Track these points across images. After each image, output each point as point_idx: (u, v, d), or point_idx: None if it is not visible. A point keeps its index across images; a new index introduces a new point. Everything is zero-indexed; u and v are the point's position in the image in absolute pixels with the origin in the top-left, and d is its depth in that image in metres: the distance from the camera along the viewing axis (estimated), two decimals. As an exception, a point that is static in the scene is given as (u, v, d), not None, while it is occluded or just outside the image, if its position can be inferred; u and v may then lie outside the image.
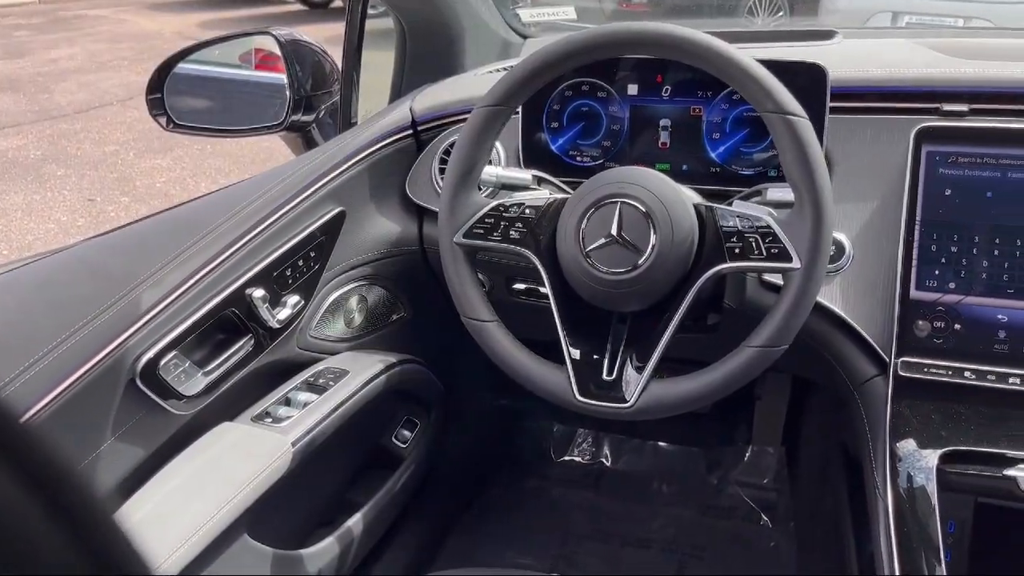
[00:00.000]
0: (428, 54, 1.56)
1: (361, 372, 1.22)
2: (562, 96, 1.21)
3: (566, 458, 2.03)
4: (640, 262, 0.92)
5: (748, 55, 0.90)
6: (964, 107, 1.08)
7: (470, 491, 1.89)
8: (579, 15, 1.93)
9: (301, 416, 1.11)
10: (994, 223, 1.01)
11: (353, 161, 1.27)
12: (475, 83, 1.41)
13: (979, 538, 0.96)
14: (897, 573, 0.85)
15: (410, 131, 1.33)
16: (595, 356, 0.97)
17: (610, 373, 0.95)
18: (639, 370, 0.94)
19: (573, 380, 0.95)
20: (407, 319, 1.42)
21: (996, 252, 1.00)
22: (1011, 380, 0.96)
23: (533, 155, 1.22)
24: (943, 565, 0.84)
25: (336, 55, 1.57)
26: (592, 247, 0.94)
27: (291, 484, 1.08)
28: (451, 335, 1.23)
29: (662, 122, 1.16)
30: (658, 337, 0.94)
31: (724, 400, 0.94)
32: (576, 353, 0.97)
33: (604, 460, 2.01)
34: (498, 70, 1.46)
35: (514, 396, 1.87)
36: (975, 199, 1.02)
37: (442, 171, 1.28)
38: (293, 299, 1.16)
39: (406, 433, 1.42)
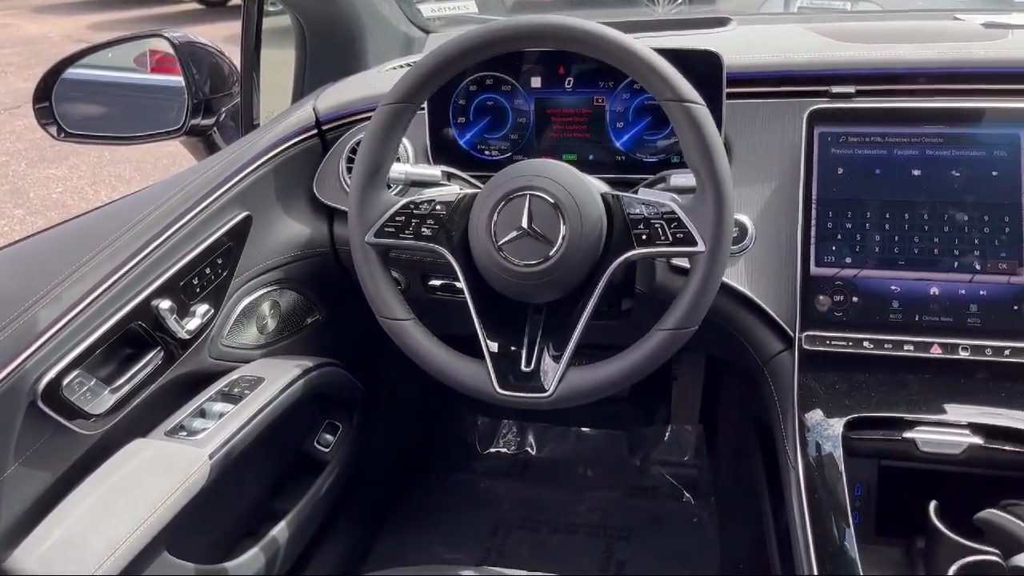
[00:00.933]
0: (329, 52, 1.54)
1: (278, 379, 1.20)
2: (467, 91, 1.21)
3: (492, 450, 2.04)
4: (552, 253, 0.93)
5: (646, 45, 0.92)
6: (851, 89, 1.13)
7: (397, 490, 1.88)
8: (481, 8, 1.93)
9: (217, 427, 1.08)
10: (883, 199, 1.06)
11: (258, 164, 1.24)
12: (379, 80, 1.40)
13: (884, 499, 1.01)
14: (810, 538, 0.89)
15: (315, 131, 1.32)
16: (513, 348, 0.98)
17: (528, 364, 0.96)
18: (556, 359, 0.95)
19: (492, 373, 0.96)
20: (322, 322, 1.41)
21: (887, 226, 1.05)
22: (906, 347, 1.01)
23: (441, 151, 1.22)
24: (852, 527, 0.88)
25: (235, 55, 1.54)
26: (504, 240, 0.94)
27: (211, 497, 1.05)
28: (369, 335, 1.22)
29: (566, 113, 1.18)
30: (573, 326, 0.95)
31: (642, 382, 0.96)
32: (494, 346, 0.98)
33: (529, 449, 2.03)
34: (401, 66, 1.45)
35: (436, 393, 1.87)
36: (865, 177, 1.07)
37: (349, 170, 1.26)
38: (202, 308, 1.13)
39: (328, 437, 1.41)
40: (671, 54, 0.94)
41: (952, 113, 1.06)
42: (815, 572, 0.86)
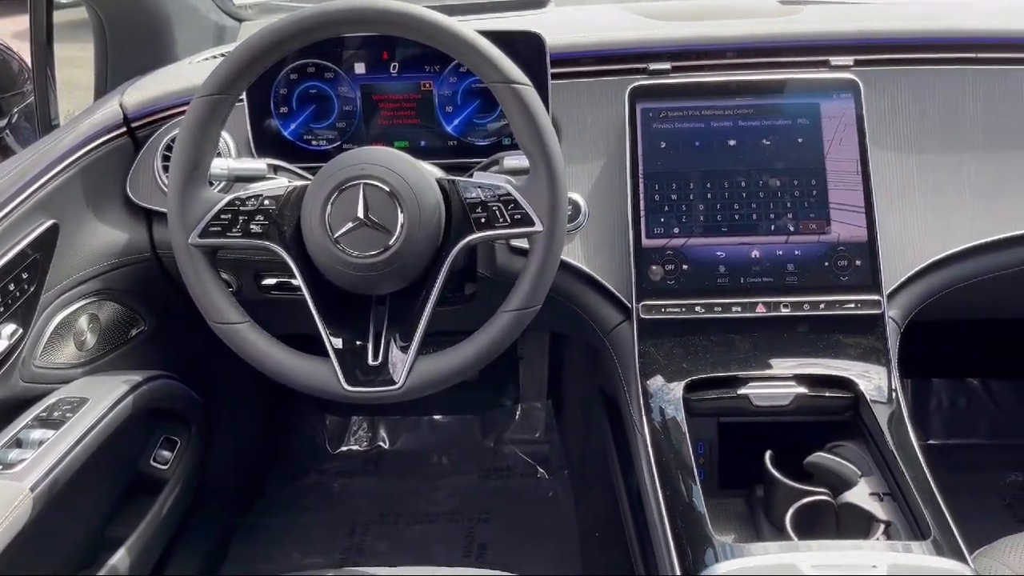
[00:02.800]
0: (132, 44, 1.43)
1: (103, 397, 1.11)
2: (288, 79, 1.16)
3: (343, 448, 2.00)
4: (391, 242, 0.91)
5: (467, 27, 0.92)
6: (667, 65, 1.17)
7: (246, 500, 1.81)
8: (294, -6, 1.87)
9: (37, 457, 0.99)
10: (704, 169, 1.11)
11: (61, 167, 1.14)
12: (190, 72, 1.32)
13: (724, 454, 1.07)
14: (661, 499, 0.93)
15: (123, 129, 1.22)
16: (358, 342, 0.95)
17: (376, 357, 0.94)
18: (404, 350, 0.94)
19: (339, 370, 0.93)
20: (149, 332, 1.32)
21: (709, 196, 1.10)
22: (734, 309, 1.07)
23: (265, 143, 1.17)
24: (698, 483, 0.93)
25: (25, 52, 1.40)
26: (340, 232, 0.91)
27: (37, 533, 0.96)
28: (202, 342, 1.15)
29: (393, 99, 1.16)
30: (419, 314, 0.94)
31: (490, 364, 0.97)
32: (338, 342, 0.95)
33: (382, 443, 2.00)
34: (214, 56, 1.38)
35: (281, 395, 1.81)
36: (686, 149, 1.12)
37: (166, 169, 1.19)
38: (8, 328, 1.03)
39: (166, 453, 1.33)
40: (494, 36, 0.94)
41: (758, 85, 1.13)
42: (668, 531, 0.90)
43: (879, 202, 1.09)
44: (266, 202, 0.95)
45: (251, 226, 0.94)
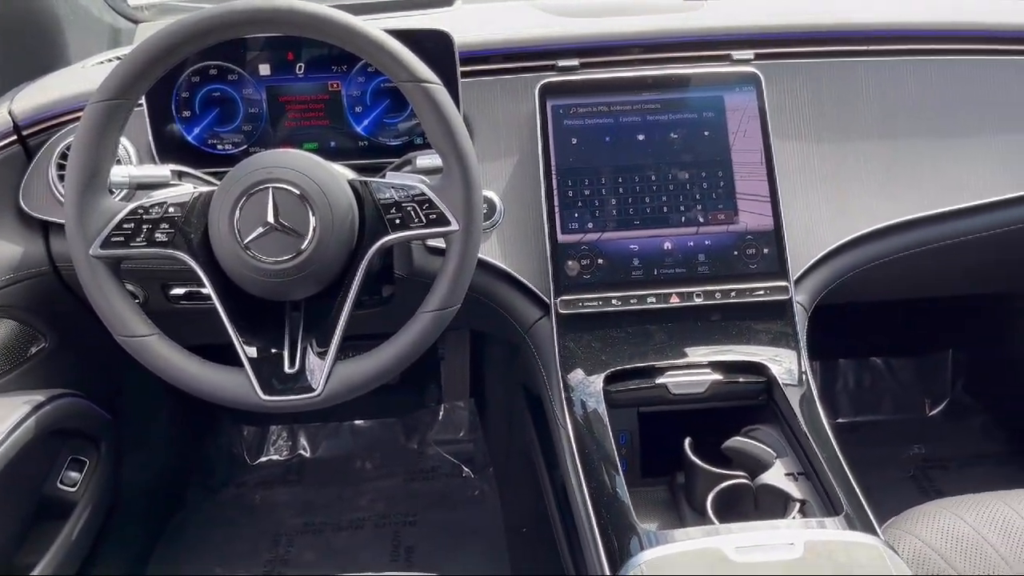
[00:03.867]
0: (19, 49, 1.37)
1: (2, 420, 1.06)
2: (189, 82, 1.13)
3: (263, 459, 1.95)
4: (304, 246, 0.89)
5: (374, 26, 0.91)
6: (575, 62, 1.19)
7: (163, 519, 1.75)
8: (194, -6, 1.81)
9: (-68, 486, 0.94)
10: (615, 164, 1.13)
11: None
12: (85, 76, 1.27)
13: (645, 443, 1.08)
14: (585, 491, 0.94)
15: (13, 137, 1.16)
16: (274, 350, 0.93)
17: (292, 365, 0.92)
18: (322, 356, 0.92)
19: (254, 380, 0.91)
20: (51, 349, 1.26)
21: (621, 190, 1.12)
22: (649, 300, 1.09)
23: (167, 149, 1.13)
24: (621, 474, 0.94)
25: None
26: (250, 238, 0.89)
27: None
28: (109, 357, 1.10)
29: (301, 101, 1.14)
30: (335, 319, 0.92)
31: (411, 366, 0.96)
32: (252, 351, 0.92)
33: (303, 452, 1.96)
34: (110, 60, 1.32)
35: (194, 408, 1.75)
36: (597, 145, 1.13)
37: (62, 178, 1.13)
38: None
39: (74, 475, 1.27)
40: (402, 35, 0.93)
41: (664, 80, 1.15)
42: (593, 522, 0.91)
43: (783, 191, 1.12)
44: (171, 210, 0.92)
45: (156, 235, 0.91)
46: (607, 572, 0.85)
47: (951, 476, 1.80)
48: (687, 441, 0.99)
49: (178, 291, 1.21)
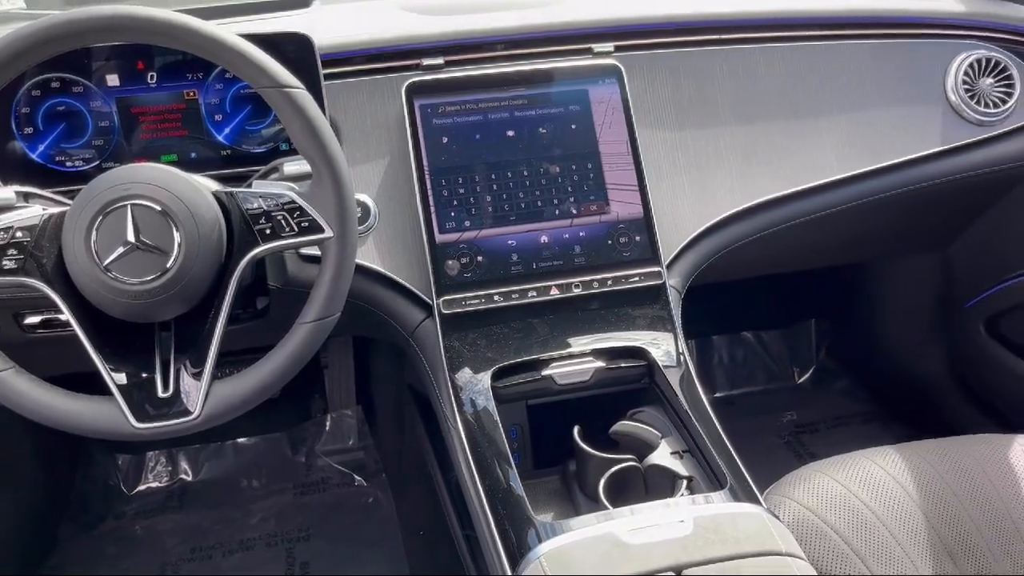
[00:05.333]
0: None
1: None
2: (30, 96, 1.06)
3: (141, 487, 1.86)
4: (169, 265, 0.85)
5: (230, 31, 0.87)
6: (440, 60, 1.18)
7: (36, 559, 1.64)
8: (30, 3, 1.69)
9: None
10: (488, 161, 1.13)
11: None
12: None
13: (536, 435, 1.10)
14: (480, 488, 0.94)
15: None
16: (145, 375, 0.89)
17: (166, 389, 0.88)
18: (197, 376, 0.88)
19: (125, 408, 0.86)
20: None
21: (495, 187, 1.12)
22: (530, 294, 1.10)
23: (9, 169, 1.05)
24: (514, 467, 0.95)
25: None
26: (110, 259, 0.84)
27: None
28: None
29: (155, 111, 1.08)
30: (209, 337, 0.89)
31: (293, 378, 0.93)
32: (121, 377, 0.88)
33: (184, 476, 1.88)
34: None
35: (62, 441, 1.65)
36: (469, 143, 1.13)
37: None
38: None
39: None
40: (259, 39, 0.90)
41: (530, 76, 1.17)
42: (489, 518, 0.91)
43: (650, 180, 1.15)
44: (18, 234, 0.86)
45: (3, 262, 0.85)
46: (507, 567, 0.86)
47: (821, 439, 1.91)
48: (576, 429, 1.01)
49: (33, 320, 1.13)
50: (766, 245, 1.27)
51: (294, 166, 0.98)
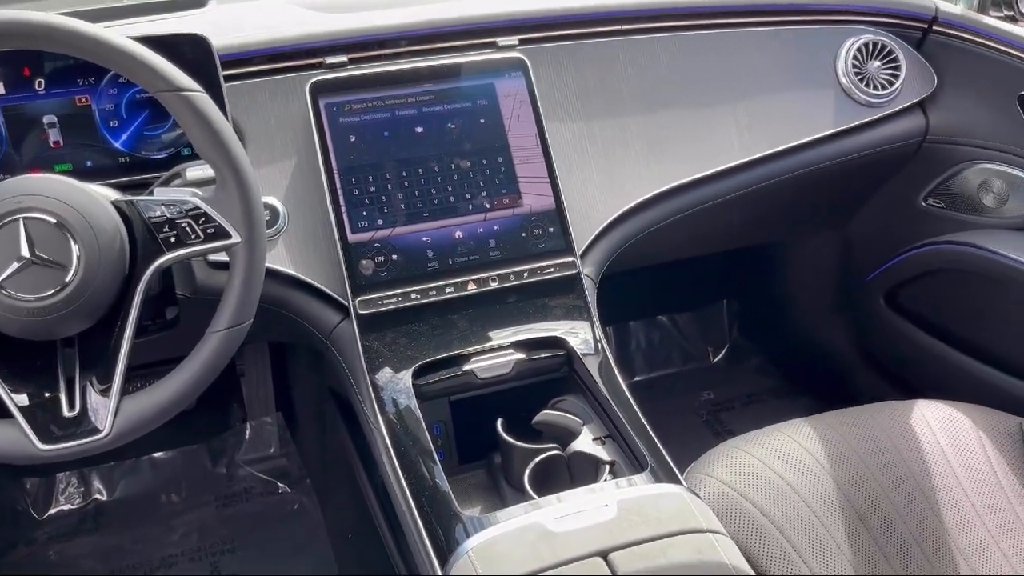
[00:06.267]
0: None
1: None
2: (-96, 108, 1.00)
3: (53, 511, 1.78)
4: (68, 279, 0.82)
5: (120, 34, 0.84)
6: (344, 58, 1.17)
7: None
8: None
9: None
10: (397, 158, 1.12)
11: None
12: None
13: (460, 431, 1.10)
14: (405, 488, 0.94)
15: None
16: (48, 394, 0.85)
17: (72, 407, 0.85)
18: (105, 393, 0.85)
19: (28, 430, 0.83)
20: None
21: (406, 184, 1.12)
22: (447, 290, 1.10)
23: None
24: (438, 464, 0.95)
25: None
26: (4, 276, 0.80)
27: None
28: None
29: (46, 119, 1.04)
30: (115, 351, 0.86)
31: (208, 388, 0.91)
32: (22, 398, 0.84)
33: (99, 495, 1.81)
34: None
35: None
36: (377, 140, 1.12)
37: None
38: None
39: None
40: (153, 41, 0.87)
41: (435, 71, 1.16)
42: (416, 517, 0.91)
43: (561, 171, 1.17)
44: (-98, 254, 0.81)
45: None
46: (435, 565, 0.86)
47: (738, 415, 1.97)
48: (499, 422, 1.02)
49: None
50: (676, 230, 1.30)
51: (197, 171, 0.96)
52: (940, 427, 1.15)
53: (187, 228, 0.87)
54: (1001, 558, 1.03)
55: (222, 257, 1.00)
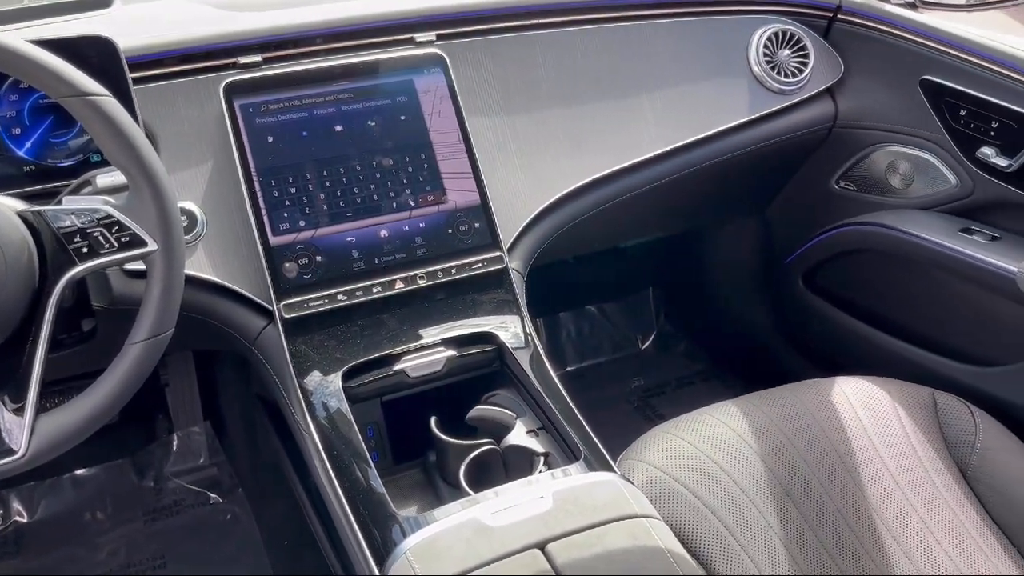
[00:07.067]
0: None
1: None
2: None
3: (-32, 537, 1.71)
4: (-27, 295, 0.78)
5: (19, 38, 0.81)
6: (258, 57, 1.14)
7: None
8: None
9: None
10: (318, 158, 1.11)
11: None
12: None
13: (393, 431, 1.09)
14: (340, 492, 0.93)
15: None
16: None
17: (-17, 428, 0.81)
18: (19, 412, 0.82)
19: (-65, 455, 0.79)
20: None
21: (328, 184, 1.10)
22: (375, 290, 1.09)
23: None
24: (372, 466, 0.94)
25: None
26: (-97, 295, 0.77)
27: None
28: None
29: (-58, 128, 0.99)
30: (28, 368, 0.82)
31: (131, 400, 0.88)
32: None
33: (19, 517, 1.74)
34: None
35: None
36: (296, 141, 1.10)
37: None
38: None
39: None
40: (55, 45, 0.84)
41: (353, 69, 1.15)
42: (352, 520, 0.90)
43: (484, 166, 1.17)
44: None
45: None
46: (373, 567, 0.85)
47: (668, 400, 2.00)
48: (433, 419, 1.01)
49: None
50: (601, 221, 1.32)
51: (108, 178, 0.93)
52: (859, 401, 1.19)
53: (100, 237, 0.84)
54: (920, 524, 1.08)
55: (139, 266, 0.97)
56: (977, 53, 1.28)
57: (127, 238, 0.84)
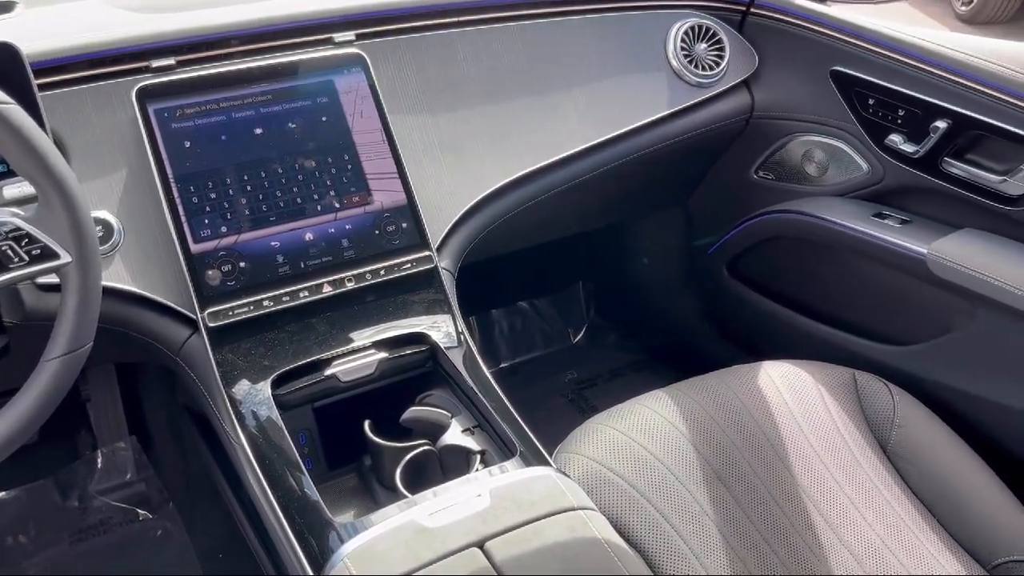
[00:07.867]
0: None
1: None
2: None
3: None
4: None
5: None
6: (172, 60, 1.11)
7: None
8: None
9: None
10: (237, 162, 1.08)
11: None
12: None
13: (326, 437, 1.08)
14: (273, 501, 0.91)
15: None
16: None
17: None
18: (-72, 436, 0.78)
19: None
20: None
21: (249, 188, 1.08)
22: (301, 295, 1.07)
23: None
24: (306, 474, 0.93)
25: None
26: None
27: None
28: None
29: None
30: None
31: (51, 417, 0.85)
32: None
33: (-67, 547, 1.66)
34: None
35: None
36: (214, 145, 1.08)
37: None
38: None
39: None
40: (-48, 51, 0.80)
41: (270, 70, 1.13)
42: (287, 530, 0.89)
43: (409, 166, 1.16)
44: None
45: None
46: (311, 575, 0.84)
47: (600, 392, 2.03)
48: (367, 423, 1.01)
49: None
50: (529, 217, 1.32)
51: (15, 188, 0.89)
52: (784, 385, 1.23)
53: (8, 251, 0.80)
54: (846, 500, 1.12)
55: (53, 279, 0.93)
56: (883, 44, 1.32)
57: (38, 251, 0.81)
